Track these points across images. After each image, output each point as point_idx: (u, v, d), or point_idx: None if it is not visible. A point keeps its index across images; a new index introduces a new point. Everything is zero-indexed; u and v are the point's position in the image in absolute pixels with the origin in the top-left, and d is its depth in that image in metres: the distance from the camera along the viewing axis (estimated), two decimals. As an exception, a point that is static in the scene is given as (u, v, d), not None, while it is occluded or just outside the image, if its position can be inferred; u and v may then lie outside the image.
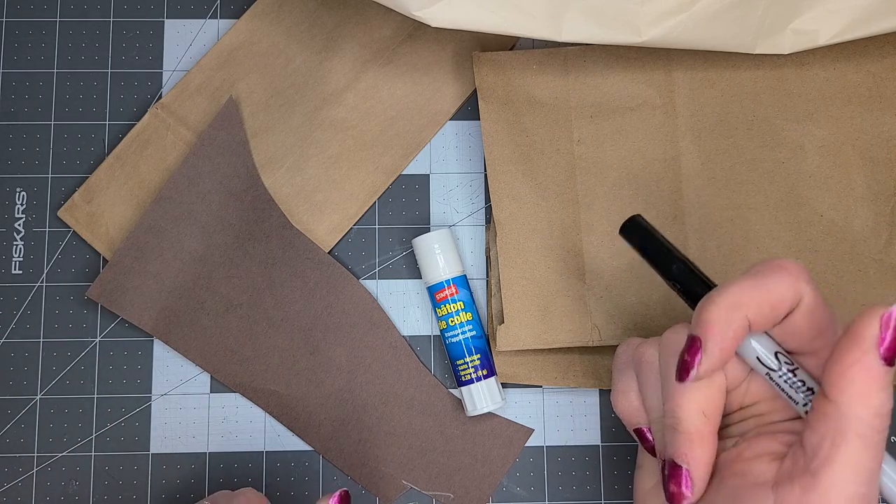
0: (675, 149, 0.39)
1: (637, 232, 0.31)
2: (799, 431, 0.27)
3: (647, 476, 0.31)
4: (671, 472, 0.28)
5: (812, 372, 0.27)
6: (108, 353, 0.40)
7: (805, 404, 0.27)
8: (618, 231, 0.31)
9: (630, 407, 0.31)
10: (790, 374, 0.27)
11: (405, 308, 0.40)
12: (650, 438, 0.31)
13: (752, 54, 0.38)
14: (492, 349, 0.39)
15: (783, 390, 0.27)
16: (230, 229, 0.39)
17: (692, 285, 0.29)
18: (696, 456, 0.27)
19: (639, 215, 0.31)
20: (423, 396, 0.39)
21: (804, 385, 0.27)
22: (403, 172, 0.41)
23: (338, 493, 0.30)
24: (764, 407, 0.29)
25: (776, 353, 0.27)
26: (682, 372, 0.27)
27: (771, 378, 0.27)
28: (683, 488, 0.27)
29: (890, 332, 0.24)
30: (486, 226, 0.41)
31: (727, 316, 0.26)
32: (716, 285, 0.28)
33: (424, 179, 0.41)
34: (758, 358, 0.28)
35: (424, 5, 0.34)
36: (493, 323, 0.39)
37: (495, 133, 0.39)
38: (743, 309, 0.26)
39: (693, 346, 0.27)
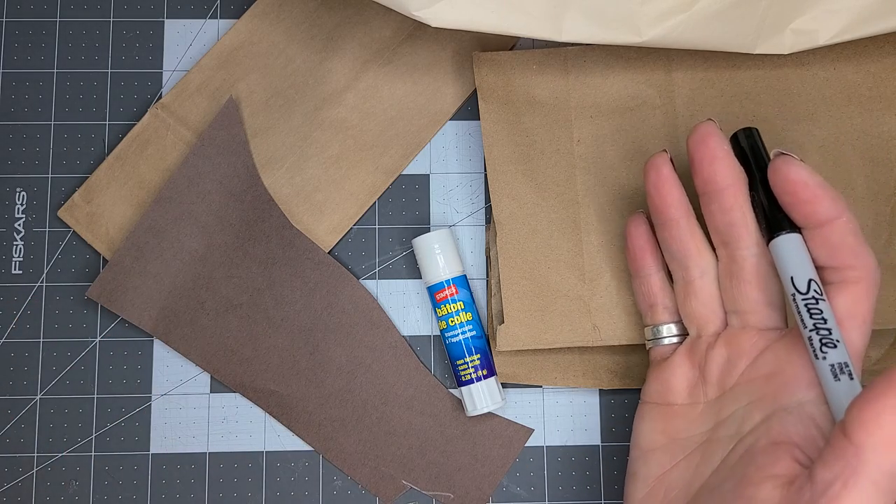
0: (675, 149, 0.39)
1: (745, 143, 0.31)
2: (806, 447, 0.26)
3: (640, 485, 0.31)
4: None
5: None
6: (108, 353, 0.40)
7: (812, 329, 0.27)
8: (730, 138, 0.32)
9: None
10: (814, 301, 0.27)
11: (405, 308, 0.40)
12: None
13: (752, 54, 0.38)
14: (492, 349, 0.39)
15: (798, 311, 0.27)
16: (230, 229, 0.39)
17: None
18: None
19: (755, 129, 0.32)
20: (423, 396, 0.39)
21: (821, 315, 0.27)
22: (403, 172, 0.41)
23: None
24: (755, 392, 0.29)
25: (809, 280, 0.27)
26: None
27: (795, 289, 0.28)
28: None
29: None
30: (486, 226, 0.41)
31: None
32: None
33: (424, 179, 0.41)
34: (791, 279, 0.28)
35: (424, 5, 0.34)
36: (493, 323, 0.39)
37: (495, 133, 0.39)
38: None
39: None
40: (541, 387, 0.40)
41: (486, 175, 0.41)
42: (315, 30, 0.41)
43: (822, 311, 0.27)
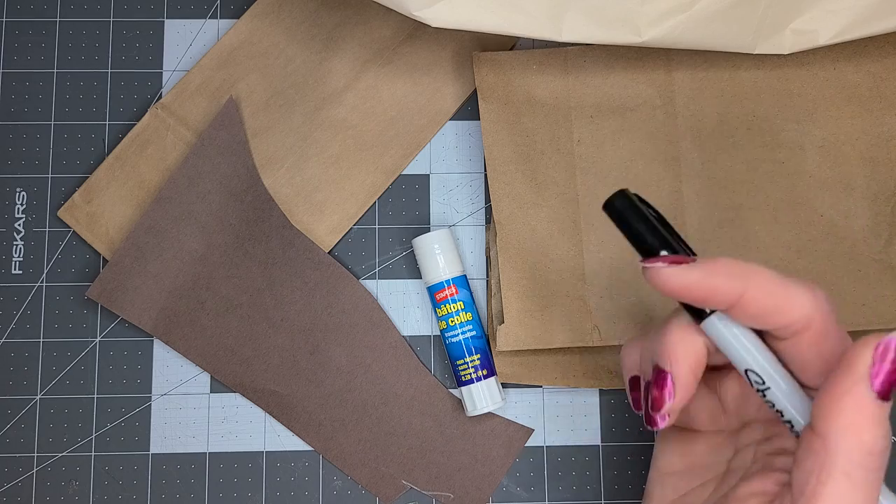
0: (675, 149, 0.39)
1: (619, 208, 0.27)
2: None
3: (670, 454, 0.30)
4: (655, 377, 0.27)
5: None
6: (108, 353, 0.40)
7: (788, 422, 0.25)
8: (602, 207, 0.28)
9: (631, 357, 0.30)
10: (761, 395, 0.26)
11: (405, 308, 0.40)
12: (640, 387, 0.30)
13: (752, 54, 0.38)
14: (492, 349, 0.39)
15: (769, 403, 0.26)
16: (230, 229, 0.39)
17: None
18: (680, 357, 0.26)
19: (624, 190, 0.28)
20: (423, 396, 0.39)
21: (773, 406, 0.25)
22: (403, 172, 0.41)
23: None
24: (766, 431, 0.28)
25: (745, 371, 0.26)
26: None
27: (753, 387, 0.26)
28: (665, 392, 0.26)
29: (885, 364, 0.22)
30: (486, 226, 0.41)
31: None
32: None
33: (424, 179, 0.41)
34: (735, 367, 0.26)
35: (424, 5, 0.34)
36: (493, 323, 0.39)
37: (495, 133, 0.39)
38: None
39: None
40: (541, 387, 0.40)
41: (486, 175, 0.41)
42: (315, 30, 0.41)
43: (773, 403, 0.26)
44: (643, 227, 0.27)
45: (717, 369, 0.30)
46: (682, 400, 0.27)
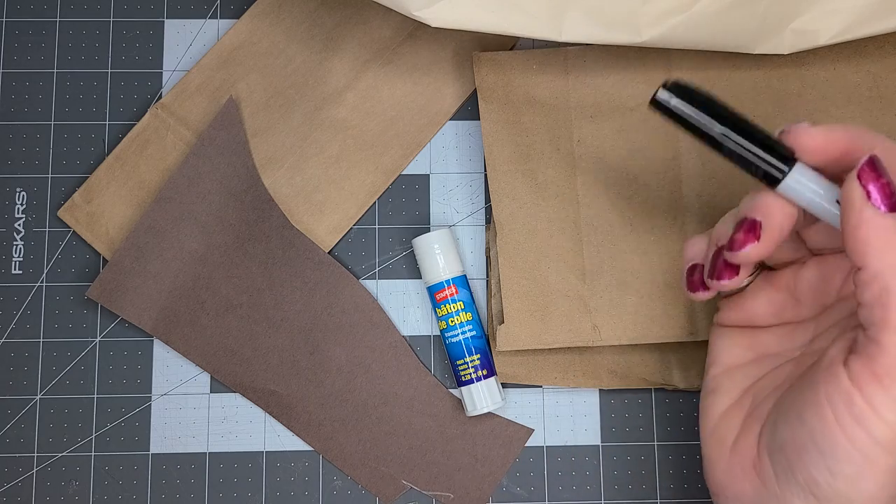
0: (675, 148, 0.39)
1: (671, 103, 0.27)
2: None
3: (724, 398, 0.30)
4: (741, 223, 0.27)
5: None
6: (108, 353, 0.40)
7: None
8: (648, 104, 0.28)
9: (696, 246, 0.31)
10: None
11: (405, 308, 0.40)
12: (699, 271, 0.30)
13: (752, 54, 0.38)
14: (492, 349, 0.39)
15: None
16: (230, 229, 0.39)
17: (752, 162, 0.27)
18: (773, 212, 0.27)
19: (667, 81, 0.27)
20: (423, 396, 0.39)
21: None
22: (403, 172, 0.41)
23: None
24: (849, 308, 0.29)
25: (838, 201, 0.26)
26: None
27: None
28: (751, 236, 0.27)
29: (872, 184, 0.24)
30: (486, 226, 0.41)
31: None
32: (789, 154, 0.27)
33: (424, 179, 0.41)
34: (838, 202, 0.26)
35: (424, 5, 0.34)
36: (493, 323, 0.39)
37: (495, 133, 0.39)
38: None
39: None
40: (541, 387, 0.40)
41: (486, 175, 0.41)
42: (315, 30, 0.41)
43: None
44: (715, 110, 0.27)
45: (787, 265, 0.31)
46: (765, 249, 0.27)
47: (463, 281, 0.38)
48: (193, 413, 0.39)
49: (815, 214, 0.27)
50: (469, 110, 0.41)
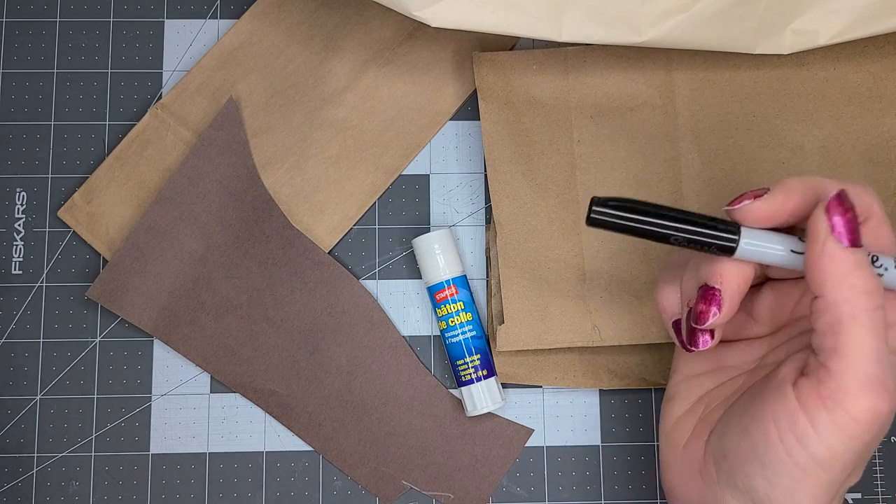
0: (675, 149, 0.39)
1: (610, 216, 0.27)
2: None
3: (680, 404, 0.32)
4: (703, 294, 0.28)
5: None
6: (108, 353, 0.40)
7: None
8: (585, 223, 0.28)
9: (671, 300, 0.31)
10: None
11: (405, 308, 0.40)
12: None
13: (752, 54, 0.38)
14: (492, 349, 0.39)
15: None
16: (230, 229, 0.39)
17: (704, 240, 0.28)
18: (730, 277, 0.28)
19: (595, 198, 0.27)
20: (423, 396, 0.39)
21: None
22: (403, 172, 0.41)
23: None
24: (801, 327, 0.30)
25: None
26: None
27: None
28: (713, 306, 0.28)
29: (837, 217, 0.26)
30: (486, 226, 0.41)
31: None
32: (732, 225, 0.28)
33: (424, 179, 0.41)
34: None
35: (424, 5, 0.34)
36: (493, 323, 0.39)
37: (495, 133, 0.39)
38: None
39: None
40: (541, 387, 0.40)
41: (486, 175, 0.41)
42: (315, 30, 0.41)
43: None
44: (654, 212, 0.28)
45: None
46: (727, 314, 0.28)
47: (463, 281, 0.38)
48: (193, 413, 0.39)
49: (775, 265, 0.28)
50: (469, 110, 0.41)
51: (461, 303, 0.38)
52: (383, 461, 0.39)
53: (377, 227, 0.41)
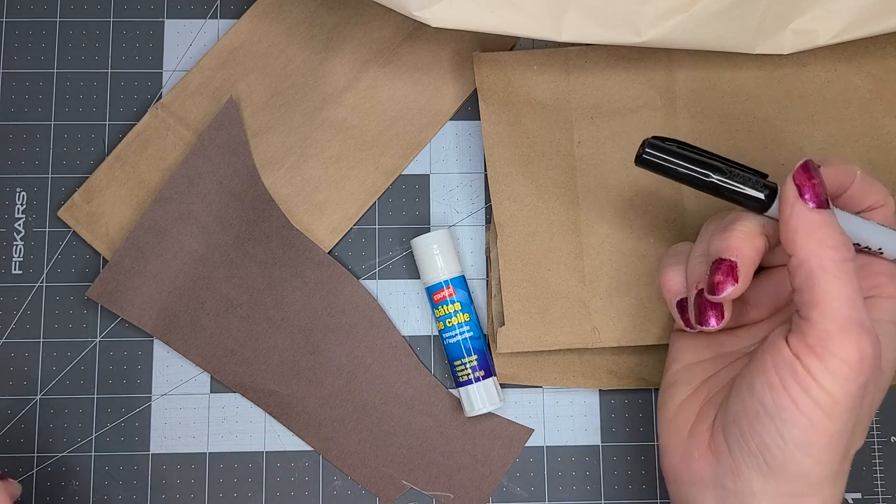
0: (675, 149, 0.39)
1: (658, 156, 0.30)
2: None
3: (682, 389, 0.33)
4: (717, 266, 0.30)
5: None
6: (108, 353, 0.40)
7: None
8: (634, 162, 0.31)
9: (675, 280, 0.33)
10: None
11: (405, 308, 0.40)
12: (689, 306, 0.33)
13: (752, 55, 0.38)
14: (491, 350, 0.39)
15: None
16: (230, 229, 0.39)
17: (740, 195, 0.30)
18: (745, 251, 0.29)
19: (649, 139, 0.30)
20: (423, 396, 0.39)
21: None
22: (403, 172, 0.41)
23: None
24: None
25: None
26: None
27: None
28: (730, 277, 0.29)
29: (803, 182, 0.28)
30: (486, 226, 0.41)
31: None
32: (769, 181, 0.30)
33: (424, 179, 0.41)
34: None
35: (424, 5, 0.34)
36: (493, 324, 0.39)
37: (496, 134, 0.39)
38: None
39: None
40: (541, 387, 0.40)
41: (486, 175, 0.41)
42: (315, 30, 0.41)
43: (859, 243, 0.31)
44: (695, 156, 0.30)
45: None
46: (742, 286, 0.29)
47: (461, 282, 0.38)
48: (193, 413, 0.39)
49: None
50: (469, 110, 0.41)
51: (459, 303, 0.38)
52: (383, 461, 0.39)
53: (377, 227, 0.41)
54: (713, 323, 0.31)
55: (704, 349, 0.34)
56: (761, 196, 0.29)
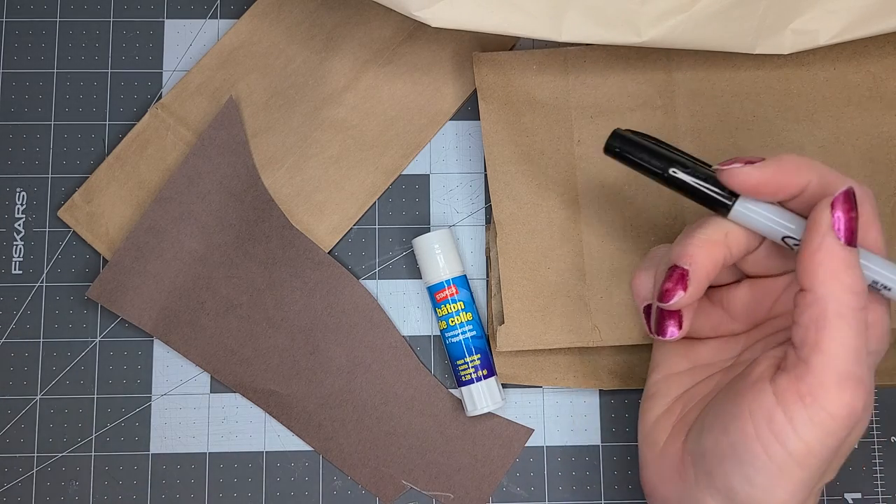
0: (675, 149, 0.39)
1: (622, 147, 0.30)
2: None
3: (660, 402, 0.32)
4: (670, 273, 0.29)
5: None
6: (108, 353, 0.40)
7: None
8: (603, 151, 0.30)
9: (645, 285, 0.32)
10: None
11: (405, 308, 0.40)
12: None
13: (752, 54, 0.38)
14: (492, 349, 0.39)
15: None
16: (230, 229, 0.39)
17: (698, 192, 0.29)
18: (699, 259, 0.28)
19: (618, 130, 0.30)
20: (423, 396, 0.39)
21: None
22: (403, 172, 0.41)
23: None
24: (778, 324, 0.31)
25: (783, 238, 0.28)
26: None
27: None
28: (679, 286, 0.28)
29: (841, 214, 0.26)
30: (486, 226, 0.41)
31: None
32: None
33: (424, 179, 0.41)
34: (784, 239, 0.28)
35: (424, 5, 0.34)
36: (493, 323, 0.39)
37: (495, 133, 0.39)
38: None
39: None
40: (541, 387, 0.40)
41: (486, 175, 0.41)
42: (315, 30, 0.41)
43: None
44: (659, 150, 0.29)
45: (722, 286, 0.33)
46: (692, 296, 0.28)
47: (463, 281, 0.38)
48: (193, 413, 0.39)
49: (766, 231, 0.28)
50: (469, 110, 0.41)
51: (461, 303, 0.38)
52: (383, 461, 0.39)
53: (377, 227, 0.41)
54: (670, 332, 0.30)
55: (683, 359, 0.33)
56: (720, 197, 0.28)
